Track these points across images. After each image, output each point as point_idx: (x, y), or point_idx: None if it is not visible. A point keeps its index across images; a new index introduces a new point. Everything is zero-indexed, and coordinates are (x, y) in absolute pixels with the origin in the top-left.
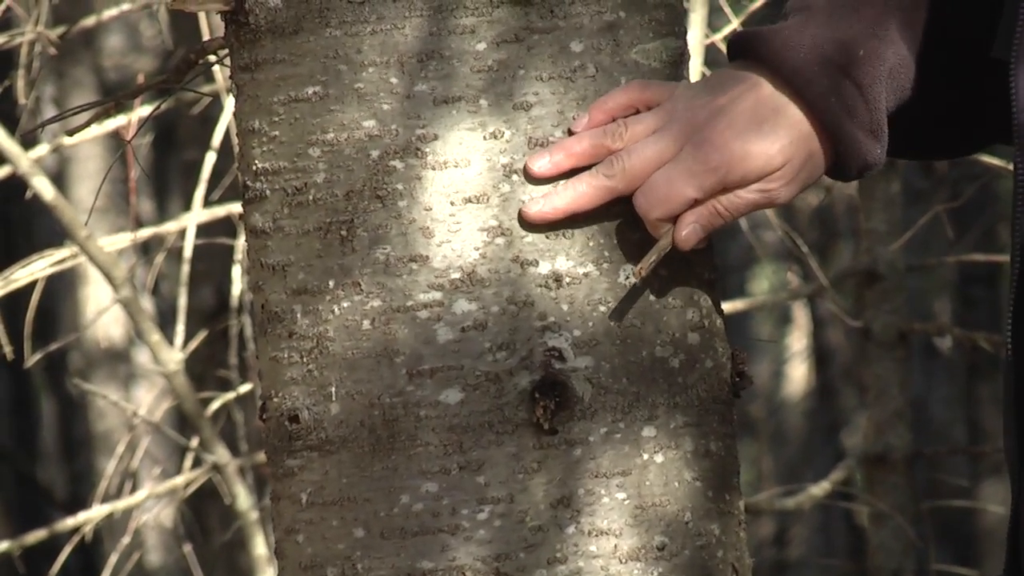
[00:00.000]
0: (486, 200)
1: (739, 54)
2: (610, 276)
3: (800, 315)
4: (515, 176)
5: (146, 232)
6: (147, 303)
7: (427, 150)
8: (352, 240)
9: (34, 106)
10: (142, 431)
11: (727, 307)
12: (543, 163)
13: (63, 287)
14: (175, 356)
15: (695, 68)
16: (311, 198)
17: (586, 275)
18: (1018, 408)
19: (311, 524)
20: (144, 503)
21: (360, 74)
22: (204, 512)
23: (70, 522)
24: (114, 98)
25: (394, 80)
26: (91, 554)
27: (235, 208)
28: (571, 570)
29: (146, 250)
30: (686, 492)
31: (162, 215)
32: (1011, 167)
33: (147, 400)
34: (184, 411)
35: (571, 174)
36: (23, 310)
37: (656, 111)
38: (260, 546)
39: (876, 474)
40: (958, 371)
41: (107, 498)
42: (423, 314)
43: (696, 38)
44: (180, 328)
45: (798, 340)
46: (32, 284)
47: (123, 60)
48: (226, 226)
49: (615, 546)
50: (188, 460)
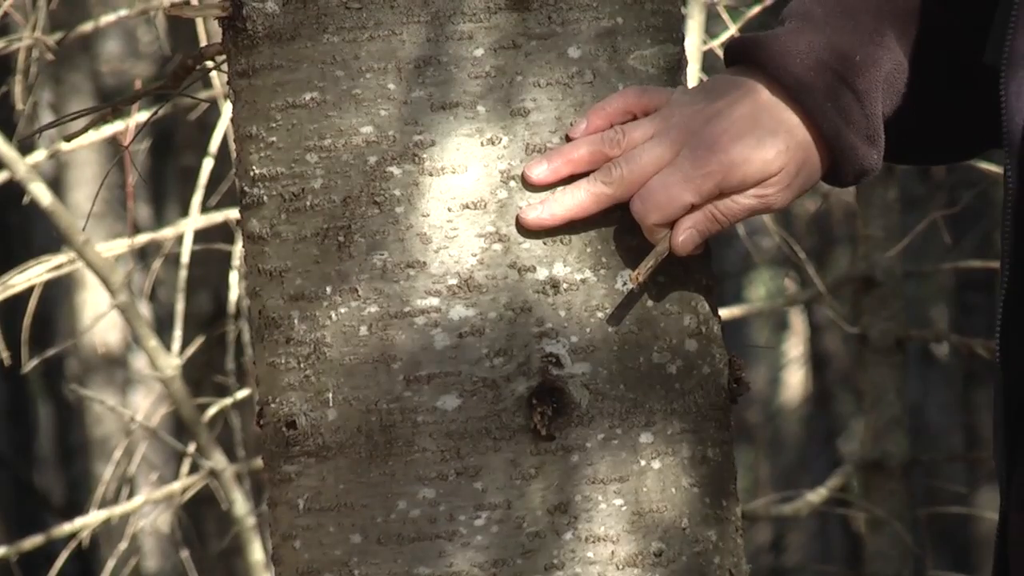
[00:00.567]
0: (484, 206)
1: (736, 60)
2: (607, 282)
3: (797, 321)
4: (513, 182)
5: (143, 238)
6: (144, 309)
7: (425, 156)
8: (349, 246)
9: (31, 111)
10: (139, 437)
11: (724, 313)
12: (541, 170)
13: (60, 293)
14: (172, 362)
15: (693, 74)
16: (308, 204)
17: (583, 281)
18: (1007, 414)
19: (308, 530)
20: (141, 509)
21: (358, 80)
22: (201, 518)
23: (67, 528)
24: (111, 104)
25: (392, 86)
26: (88, 560)
27: (232, 214)
28: None
29: (143, 256)
30: (683, 498)
31: (159, 221)
32: None
33: (144, 406)
34: (181, 417)
35: (569, 180)
36: (20, 316)
37: (653, 117)
38: (257, 552)
39: (873, 480)
40: (955, 377)
41: (104, 503)
42: (420, 320)
43: (694, 44)
44: (177, 334)
45: (795, 346)
46: (29, 290)
47: (120, 66)
48: (223, 232)
49: (612, 552)
50: (185, 466)
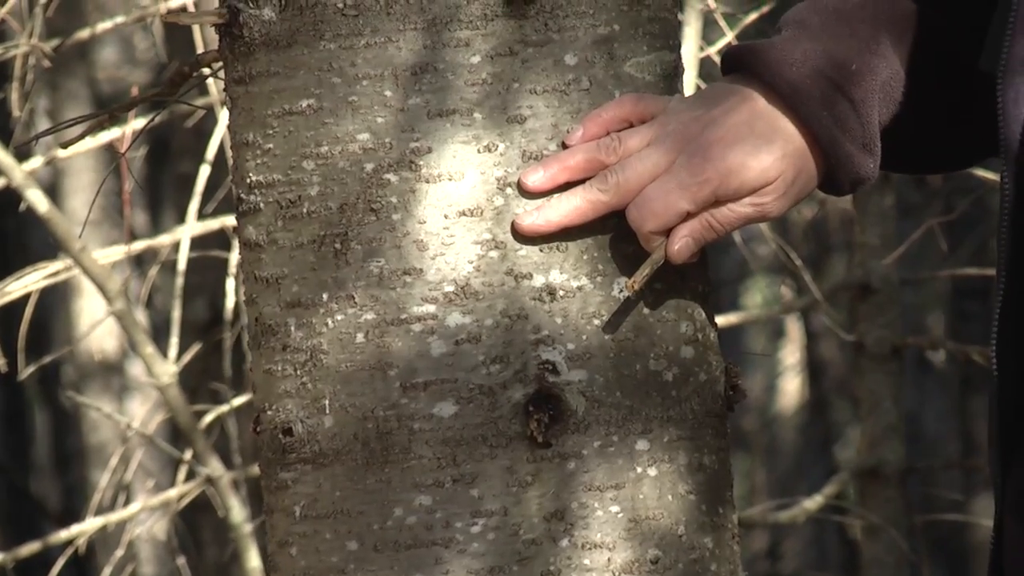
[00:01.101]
0: (480, 213)
1: (733, 68)
2: (604, 289)
3: (793, 329)
4: (509, 189)
5: (140, 245)
6: (141, 316)
7: (421, 163)
8: (346, 253)
9: (28, 118)
10: (136, 444)
11: (721, 320)
12: (537, 177)
13: (57, 299)
14: (169, 369)
15: (689, 81)
16: (305, 211)
17: (580, 288)
18: (1001, 421)
19: (304, 537)
20: (138, 516)
21: (354, 87)
22: (197, 525)
23: (64, 534)
24: (108, 111)
25: (388, 93)
26: (84, 567)
27: (229, 221)
28: None
29: (140, 263)
30: (680, 505)
31: (156, 228)
32: None
33: (141, 413)
34: (178, 424)
35: (566, 187)
36: (17, 322)
37: (650, 124)
38: (254, 559)
39: (869, 488)
40: (951, 385)
41: (100, 510)
42: (417, 327)
43: (690, 51)
44: (174, 341)
45: (791, 354)
46: (26, 296)
47: (117, 73)
48: (220, 239)
49: (608, 559)
50: (181, 473)
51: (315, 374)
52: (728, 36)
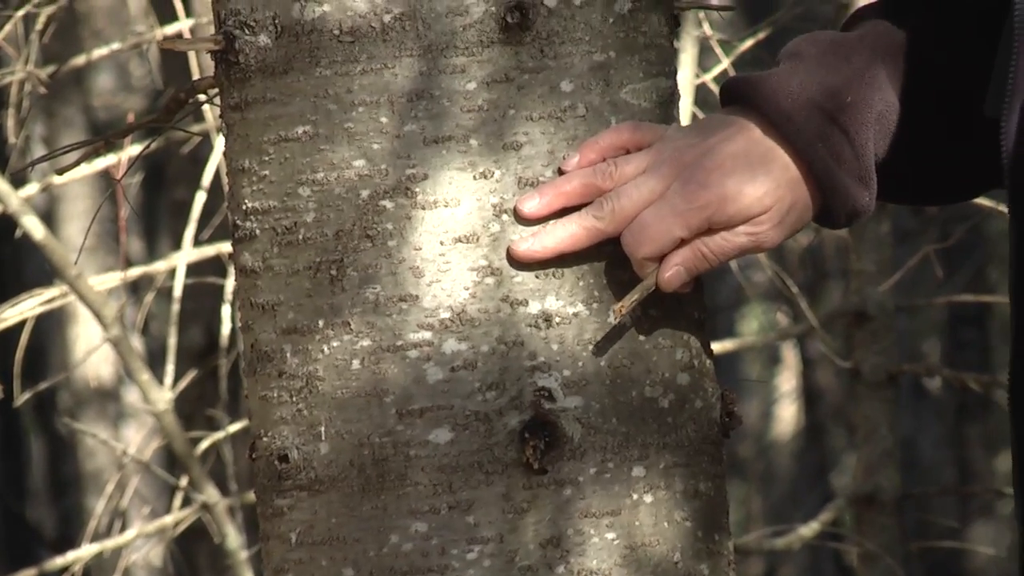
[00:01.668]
0: (476, 240)
1: (730, 99)
2: (600, 316)
3: (789, 355)
4: (505, 216)
5: (136, 271)
6: (137, 342)
7: (417, 190)
8: (342, 279)
9: (24, 145)
10: (131, 470)
11: (717, 347)
12: (533, 203)
13: (53, 326)
14: (165, 395)
15: (685, 108)
16: (301, 237)
17: (576, 315)
18: (1020, 463)
19: (300, 564)
20: (133, 542)
21: (350, 114)
22: (193, 552)
23: (59, 561)
24: (104, 137)
25: (384, 120)
26: None
27: (225, 247)
28: None
29: (136, 289)
30: (676, 532)
31: (152, 254)
32: (1000, 208)
33: (137, 439)
34: (174, 450)
35: (562, 214)
36: (13, 349)
37: (646, 152)
38: None
39: (865, 514)
40: (947, 412)
41: (96, 537)
42: (413, 354)
43: (686, 78)
44: (170, 367)
45: (787, 380)
46: (22, 323)
47: (113, 99)
48: (216, 265)
49: None
50: (178, 499)
51: (311, 401)
52: (724, 63)
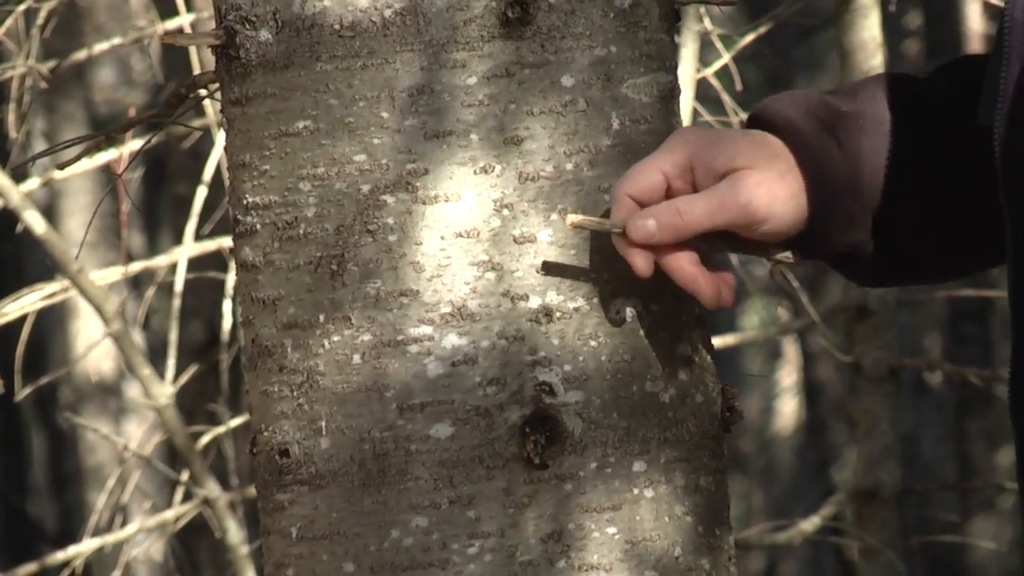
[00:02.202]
0: (477, 235)
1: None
2: (601, 311)
3: (790, 350)
4: (506, 211)
5: (137, 266)
6: (138, 337)
7: (418, 184)
8: (343, 274)
9: (25, 140)
10: (133, 465)
11: (717, 342)
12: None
13: (54, 321)
14: (166, 390)
15: (686, 103)
16: (302, 232)
17: (576, 310)
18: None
19: (301, 558)
20: (134, 537)
21: (351, 108)
22: (194, 546)
23: (60, 556)
24: (105, 132)
25: (385, 114)
26: None
27: (226, 242)
28: None
29: (137, 284)
30: (676, 527)
31: (153, 249)
32: None
33: (138, 434)
34: (175, 445)
35: None
36: (14, 344)
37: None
38: None
39: (866, 509)
40: (948, 406)
41: (97, 532)
42: (413, 348)
43: (687, 73)
44: (171, 362)
45: (788, 375)
46: (23, 318)
47: (114, 94)
48: (217, 260)
49: None
50: (178, 494)
51: (312, 395)
52: (725, 58)
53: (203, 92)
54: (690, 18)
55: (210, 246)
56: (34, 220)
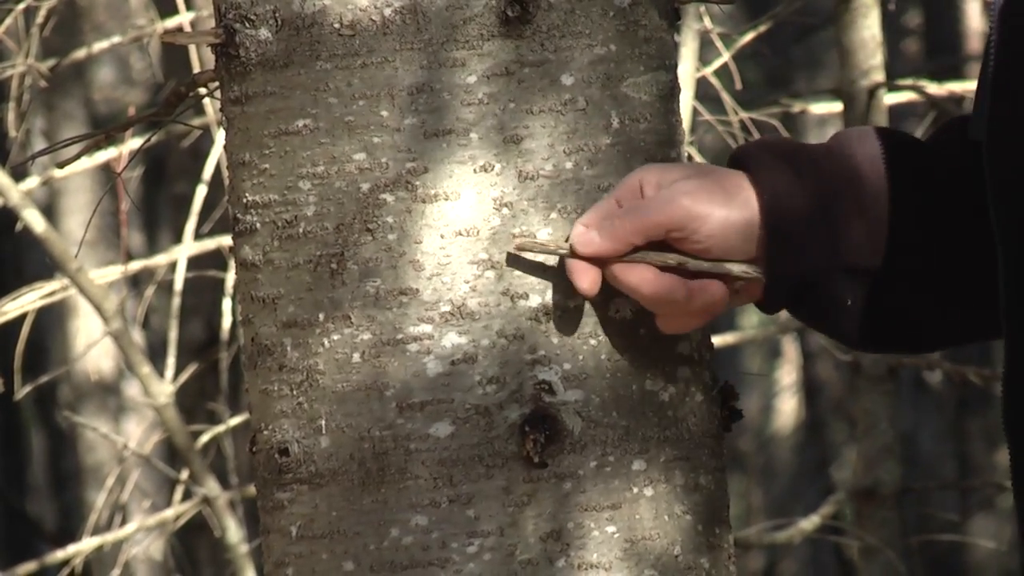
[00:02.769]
0: (476, 233)
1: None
2: (600, 310)
3: (790, 349)
4: (505, 209)
5: (136, 265)
6: (137, 336)
7: (418, 183)
8: (342, 273)
9: (24, 138)
10: (132, 464)
11: (717, 340)
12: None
13: (53, 320)
14: (165, 389)
15: (686, 102)
16: (301, 231)
17: (576, 308)
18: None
19: (301, 557)
20: (134, 536)
21: (351, 107)
22: (194, 545)
23: (60, 555)
24: (104, 131)
25: (385, 113)
26: None
27: (225, 241)
28: None
29: (136, 283)
30: (676, 526)
31: (152, 248)
32: None
33: (137, 433)
34: (174, 444)
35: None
36: (13, 343)
37: None
38: None
39: (866, 508)
40: (947, 405)
41: (97, 531)
42: (413, 347)
43: (687, 72)
44: (170, 361)
45: (788, 374)
46: (22, 317)
47: (113, 93)
48: (216, 259)
49: None
50: (178, 493)
51: (311, 394)
52: (724, 57)
53: (203, 91)
54: (690, 17)
55: (210, 245)
56: (33, 219)
